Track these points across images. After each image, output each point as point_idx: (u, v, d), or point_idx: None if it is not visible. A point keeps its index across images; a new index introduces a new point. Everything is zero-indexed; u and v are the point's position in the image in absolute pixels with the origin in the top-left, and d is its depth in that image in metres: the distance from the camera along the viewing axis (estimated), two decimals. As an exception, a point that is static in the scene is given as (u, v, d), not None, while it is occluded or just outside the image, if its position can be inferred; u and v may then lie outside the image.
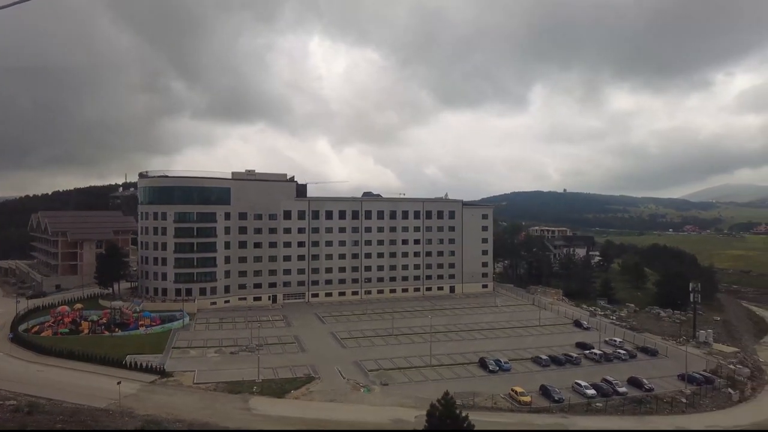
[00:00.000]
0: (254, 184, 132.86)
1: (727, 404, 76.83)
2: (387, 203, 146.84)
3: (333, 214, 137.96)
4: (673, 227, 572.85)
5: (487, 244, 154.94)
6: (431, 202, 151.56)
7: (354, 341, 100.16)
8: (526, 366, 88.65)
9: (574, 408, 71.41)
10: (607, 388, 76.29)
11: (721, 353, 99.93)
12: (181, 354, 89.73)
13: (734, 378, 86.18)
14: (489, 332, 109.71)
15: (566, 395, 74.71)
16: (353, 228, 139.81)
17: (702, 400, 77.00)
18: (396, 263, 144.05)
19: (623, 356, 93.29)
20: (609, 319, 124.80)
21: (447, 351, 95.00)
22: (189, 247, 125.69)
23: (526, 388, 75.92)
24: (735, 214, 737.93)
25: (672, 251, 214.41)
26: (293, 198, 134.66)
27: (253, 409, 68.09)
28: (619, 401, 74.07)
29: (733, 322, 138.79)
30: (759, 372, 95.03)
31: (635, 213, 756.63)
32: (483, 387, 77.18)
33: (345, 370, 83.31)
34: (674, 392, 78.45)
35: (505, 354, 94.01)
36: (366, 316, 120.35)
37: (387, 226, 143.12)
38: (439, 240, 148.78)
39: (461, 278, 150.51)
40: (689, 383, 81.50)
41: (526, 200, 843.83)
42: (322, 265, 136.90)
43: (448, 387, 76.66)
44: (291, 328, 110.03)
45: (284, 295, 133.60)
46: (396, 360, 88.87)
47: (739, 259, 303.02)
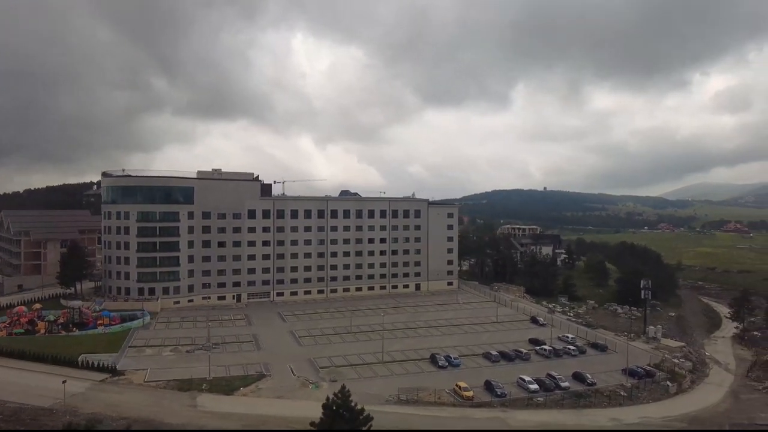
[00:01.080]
0: (218, 184, 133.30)
1: (664, 396, 79.80)
2: (353, 202, 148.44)
3: (298, 213, 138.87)
4: (649, 225, 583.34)
5: (453, 243, 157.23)
6: (397, 202, 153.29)
7: (311, 339, 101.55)
8: (477, 362, 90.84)
9: (515, 402, 73.62)
10: (549, 383, 78.68)
11: (667, 348, 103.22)
12: (137, 353, 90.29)
13: (675, 371, 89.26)
14: (447, 329, 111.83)
15: (510, 390, 76.96)
16: (319, 227, 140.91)
17: (640, 393, 79.86)
18: (362, 262, 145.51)
19: (573, 352, 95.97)
20: (566, 315, 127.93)
21: (402, 347, 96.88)
22: (152, 246, 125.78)
23: (472, 384, 78.10)
24: (709, 212, 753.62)
25: (637, 249, 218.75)
26: (258, 197, 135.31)
27: (200, 406, 69.16)
28: (560, 395, 76.54)
29: (687, 317, 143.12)
30: (702, 365, 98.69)
31: (613, 211, 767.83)
32: (430, 382, 79.03)
33: (297, 367, 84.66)
34: (615, 386, 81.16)
35: (458, 350, 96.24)
36: (328, 315, 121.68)
37: (353, 225, 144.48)
38: (405, 239, 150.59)
39: (426, 276, 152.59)
40: (631, 377, 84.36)
41: (507, 198, 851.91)
42: (287, 264, 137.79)
43: (397, 383, 79.60)
44: (251, 326, 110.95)
45: (249, 295, 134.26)
46: (350, 357, 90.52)
47: (706, 256, 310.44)
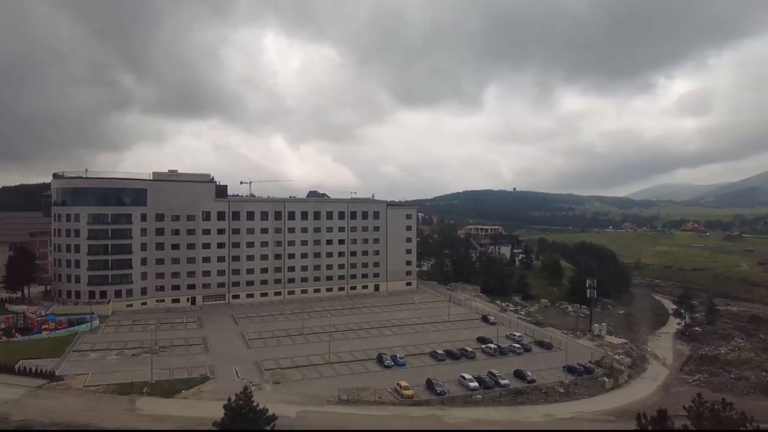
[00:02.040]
0: (172, 185, 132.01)
1: (600, 392, 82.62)
2: (310, 204, 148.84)
3: (254, 215, 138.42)
4: (614, 225, 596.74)
5: (411, 244, 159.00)
6: (355, 203, 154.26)
7: (262, 341, 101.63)
8: (423, 360, 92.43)
9: (454, 400, 75.39)
10: (489, 381, 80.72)
11: (610, 345, 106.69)
12: (80, 357, 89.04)
13: (614, 367, 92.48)
14: (399, 329, 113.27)
15: (450, 388, 78.83)
16: (275, 229, 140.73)
17: (577, 389, 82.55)
18: (320, 263, 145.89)
19: (518, 350, 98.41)
20: (517, 314, 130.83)
21: (352, 348, 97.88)
22: (103, 249, 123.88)
23: (415, 382, 79.79)
24: (671, 212, 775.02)
25: (595, 249, 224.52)
26: (213, 199, 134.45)
27: (139, 409, 68.86)
28: (499, 393, 78.58)
29: (636, 315, 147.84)
30: (641, 361, 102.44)
31: (580, 211, 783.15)
32: (374, 382, 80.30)
33: (243, 369, 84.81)
34: (554, 383, 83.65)
35: (407, 349, 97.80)
36: (282, 317, 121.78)
37: (311, 227, 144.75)
38: (364, 240, 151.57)
39: (385, 277, 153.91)
40: (570, 374, 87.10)
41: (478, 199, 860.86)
42: (243, 266, 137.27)
43: (341, 383, 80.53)
44: (202, 329, 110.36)
45: (204, 297, 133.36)
46: (298, 359, 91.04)
47: (663, 255, 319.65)
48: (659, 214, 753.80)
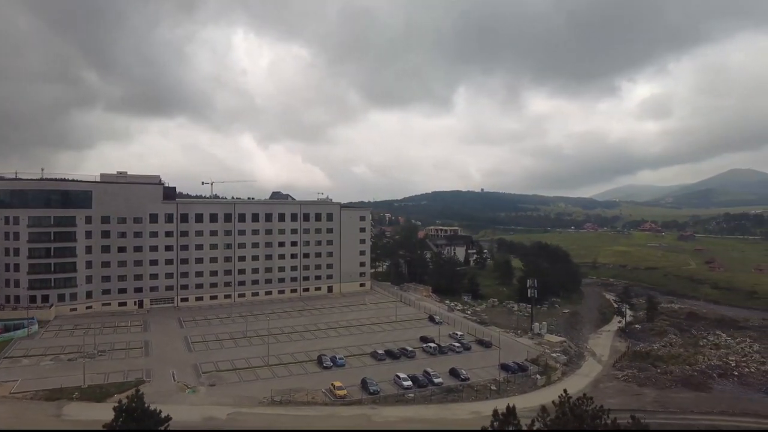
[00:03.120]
0: (119, 187, 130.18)
1: (531, 389, 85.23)
2: (262, 206, 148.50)
3: (203, 217, 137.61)
4: (576, 225, 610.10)
5: (365, 245, 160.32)
6: (309, 205, 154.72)
7: (204, 345, 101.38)
8: (363, 361, 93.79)
9: (386, 399, 76.95)
10: (423, 380, 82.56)
11: (549, 343, 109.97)
12: (11, 364, 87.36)
13: (549, 365, 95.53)
14: (346, 330, 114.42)
15: (385, 387, 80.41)
16: (225, 231, 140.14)
17: (510, 386, 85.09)
18: (271, 266, 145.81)
19: (457, 349, 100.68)
20: (464, 313, 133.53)
21: (294, 350, 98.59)
22: (45, 252, 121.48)
23: (351, 382, 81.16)
24: (633, 212, 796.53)
25: (550, 249, 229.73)
26: (160, 201, 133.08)
27: (66, 415, 68.29)
28: (432, 391, 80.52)
29: (582, 313, 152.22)
30: (578, 358, 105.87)
31: (545, 212, 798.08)
32: (310, 383, 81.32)
33: (180, 372, 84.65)
34: (488, 380, 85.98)
35: (350, 350, 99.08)
36: (230, 320, 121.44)
37: (262, 229, 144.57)
38: (317, 242, 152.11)
39: (339, 278, 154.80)
40: (505, 371, 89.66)
41: (446, 199, 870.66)
42: (192, 268, 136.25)
43: (277, 384, 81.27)
44: (146, 333, 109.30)
45: (152, 300, 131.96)
46: (237, 361, 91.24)
47: (620, 254, 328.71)
48: (621, 215, 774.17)
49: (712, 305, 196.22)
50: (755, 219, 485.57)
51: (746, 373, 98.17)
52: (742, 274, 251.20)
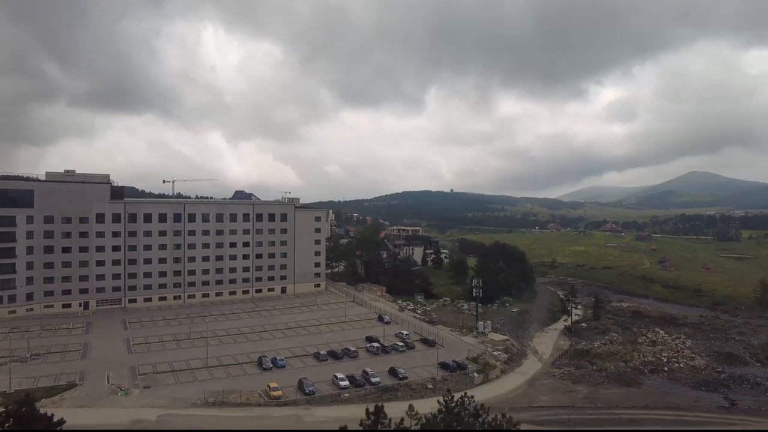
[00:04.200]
0: (63, 186, 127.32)
1: (468, 387, 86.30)
2: (213, 206, 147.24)
3: (152, 217, 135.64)
4: (540, 225, 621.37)
5: (320, 246, 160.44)
6: (261, 205, 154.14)
7: (145, 346, 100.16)
8: (305, 362, 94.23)
9: (322, 399, 77.59)
10: (360, 379, 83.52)
11: (492, 341, 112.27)
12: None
13: (489, 363, 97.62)
14: (293, 331, 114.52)
15: (323, 387, 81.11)
16: (175, 231, 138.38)
17: (447, 384, 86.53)
18: (223, 266, 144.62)
19: (401, 348, 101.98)
20: (414, 313, 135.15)
21: (237, 351, 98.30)
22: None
23: (289, 383, 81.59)
24: (597, 213, 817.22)
25: (508, 248, 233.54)
26: (108, 201, 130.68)
27: (-13, 421, 66.70)
28: (369, 390, 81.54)
29: (532, 312, 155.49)
30: (520, 356, 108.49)
31: (512, 212, 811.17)
32: (247, 384, 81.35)
33: (116, 375, 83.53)
34: (426, 379, 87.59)
35: (293, 351, 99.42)
36: (176, 321, 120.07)
37: (213, 230, 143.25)
38: (270, 242, 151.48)
39: (293, 279, 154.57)
40: (444, 370, 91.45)
41: (416, 199, 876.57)
42: (141, 269, 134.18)
43: (214, 386, 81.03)
44: (87, 335, 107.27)
45: (98, 302, 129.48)
46: (177, 363, 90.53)
47: (578, 254, 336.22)
48: (585, 215, 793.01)
49: (659, 303, 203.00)
50: (708, 220, 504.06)
51: (675, 368, 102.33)
52: (691, 272, 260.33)
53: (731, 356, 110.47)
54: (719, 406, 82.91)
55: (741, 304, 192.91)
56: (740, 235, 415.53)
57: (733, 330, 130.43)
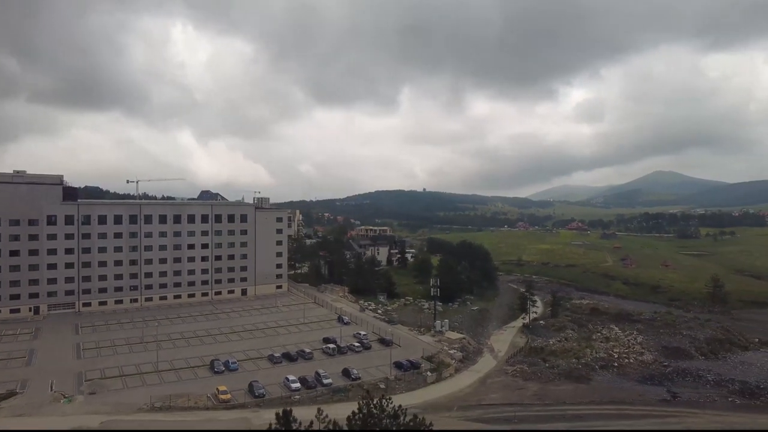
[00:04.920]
0: (12, 188, 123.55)
1: (420, 386, 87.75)
2: (170, 207, 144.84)
3: (107, 218, 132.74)
4: (509, 224, 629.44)
5: (282, 246, 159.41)
6: (220, 206, 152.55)
7: (96, 351, 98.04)
8: (258, 364, 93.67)
9: (271, 402, 77.15)
10: (312, 381, 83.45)
11: (448, 340, 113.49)
12: None
13: (443, 362, 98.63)
14: (250, 333, 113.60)
15: (273, 390, 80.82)
16: (131, 233, 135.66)
17: (400, 384, 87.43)
18: (181, 269, 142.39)
19: (357, 348, 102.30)
20: (375, 313, 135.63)
21: (190, 355, 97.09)
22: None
23: (240, 386, 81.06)
24: (566, 212, 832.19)
25: (473, 247, 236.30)
26: (60, 202, 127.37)
27: None
28: (321, 392, 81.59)
29: (491, 310, 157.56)
30: (476, 354, 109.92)
31: (482, 211, 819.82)
32: (198, 388, 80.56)
33: (61, 381, 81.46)
34: (379, 379, 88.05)
35: (248, 354, 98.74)
36: (131, 325, 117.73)
37: (170, 231, 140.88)
38: (230, 244, 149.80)
39: (254, 281, 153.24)
40: (398, 369, 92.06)
41: (389, 199, 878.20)
42: (95, 272, 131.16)
43: (162, 390, 79.85)
44: (34, 341, 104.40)
45: (50, 306, 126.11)
46: (127, 368, 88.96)
47: (544, 252, 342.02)
48: (554, 214, 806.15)
49: (619, 300, 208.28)
50: (670, 218, 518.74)
51: (625, 363, 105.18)
52: (651, 270, 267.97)
53: (678, 350, 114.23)
54: (661, 399, 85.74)
55: (695, 299, 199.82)
56: (699, 233, 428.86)
57: (683, 325, 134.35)
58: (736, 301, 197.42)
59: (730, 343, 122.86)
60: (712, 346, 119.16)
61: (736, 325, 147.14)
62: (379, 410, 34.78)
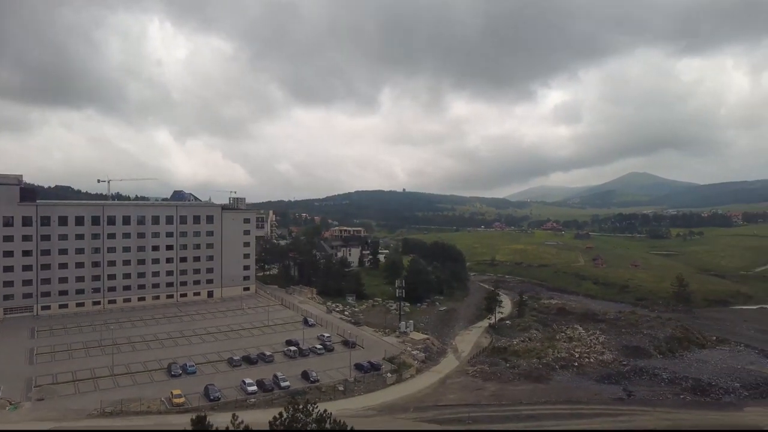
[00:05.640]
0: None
1: (379, 387, 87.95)
2: (134, 208, 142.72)
3: (68, 220, 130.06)
4: (485, 224, 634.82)
5: (249, 248, 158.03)
6: (186, 207, 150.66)
7: (50, 356, 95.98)
8: (217, 367, 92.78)
9: (226, 405, 76.60)
10: (269, 384, 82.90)
11: (412, 341, 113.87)
12: None
13: (405, 363, 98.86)
14: (212, 336, 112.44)
15: (230, 393, 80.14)
16: (93, 234, 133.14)
17: (359, 386, 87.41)
18: (145, 270, 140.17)
19: (319, 351, 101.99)
20: (342, 314, 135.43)
21: (149, 358, 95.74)
22: None
23: (197, 390, 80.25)
24: (542, 212, 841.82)
25: (447, 248, 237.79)
26: (17, 203, 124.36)
27: None
28: (278, 395, 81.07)
29: (459, 310, 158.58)
30: (439, 355, 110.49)
31: (460, 211, 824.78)
32: (153, 392, 79.52)
33: (9, 388, 79.53)
34: (339, 381, 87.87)
35: (208, 357, 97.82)
36: (91, 328, 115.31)
37: (134, 232, 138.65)
38: (196, 245, 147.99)
39: (220, 283, 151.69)
40: (359, 371, 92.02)
41: (368, 199, 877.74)
42: (55, 274, 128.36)
43: (116, 395, 78.64)
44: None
45: (6, 309, 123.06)
46: (81, 372, 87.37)
47: (517, 252, 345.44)
48: (530, 214, 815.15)
49: (588, 300, 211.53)
50: (643, 219, 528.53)
51: (586, 363, 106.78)
52: (621, 269, 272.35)
53: (638, 349, 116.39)
54: (616, 398, 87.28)
55: (661, 298, 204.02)
56: (670, 233, 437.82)
57: (645, 324, 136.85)
58: (701, 300, 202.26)
59: (689, 341, 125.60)
60: (671, 344, 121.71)
61: (697, 323, 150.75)
62: (305, 415, 34.60)
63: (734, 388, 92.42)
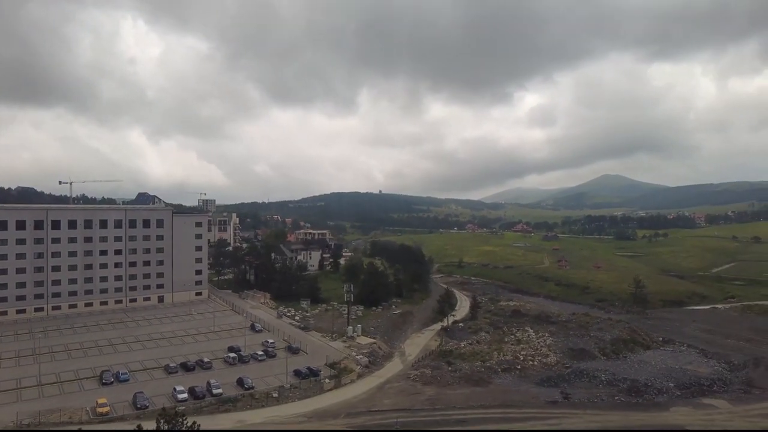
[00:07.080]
0: None
1: (316, 394, 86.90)
2: (81, 212, 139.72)
3: (8, 224, 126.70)
4: (459, 226, 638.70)
5: (202, 252, 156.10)
6: (135, 211, 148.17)
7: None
8: (152, 375, 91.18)
9: (153, 413, 74.35)
10: (201, 391, 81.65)
11: (358, 345, 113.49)
12: None
13: (347, 367, 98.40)
14: (154, 342, 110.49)
15: (161, 401, 78.57)
16: (36, 239, 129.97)
17: (295, 392, 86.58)
18: (92, 275, 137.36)
19: (260, 357, 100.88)
20: (292, 319, 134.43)
21: (83, 366, 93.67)
22: None
23: (126, 398, 78.67)
24: (516, 214, 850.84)
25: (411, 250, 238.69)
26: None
27: None
28: (209, 402, 79.95)
29: (415, 312, 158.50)
30: (384, 359, 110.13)
31: (436, 213, 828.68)
32: (80, 401, 77.72)
33: (-76, 401, 77.02)
34: (274, 388, 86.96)
35: (144, 364, 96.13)
36: (29, 335, 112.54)
37: (81, 237, 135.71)
38: (145, 249, 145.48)
39: (171, 288, 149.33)
40: (297, 377, 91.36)
41: (345, 200, 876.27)
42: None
43: (39, 405, 76.58)
44: None
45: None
46: (6, 383, 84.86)
47: (485, 254, 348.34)
48: (504, 216, 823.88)
49: (548, 301, 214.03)
50: (611, 220, 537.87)
51: (529, 366, 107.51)
52: (583, 271, 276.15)
53: (582, 352, 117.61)
54: (551, 400, 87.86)
55: (619, 299, 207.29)
56: (636, 235, 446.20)
57: (594, 326, 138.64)
58: (658, 300, 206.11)
59: (634, 342, 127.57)
60: (616, 346, 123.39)
61: (646, 324, 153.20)
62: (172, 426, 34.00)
63: (668, 388, 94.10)
